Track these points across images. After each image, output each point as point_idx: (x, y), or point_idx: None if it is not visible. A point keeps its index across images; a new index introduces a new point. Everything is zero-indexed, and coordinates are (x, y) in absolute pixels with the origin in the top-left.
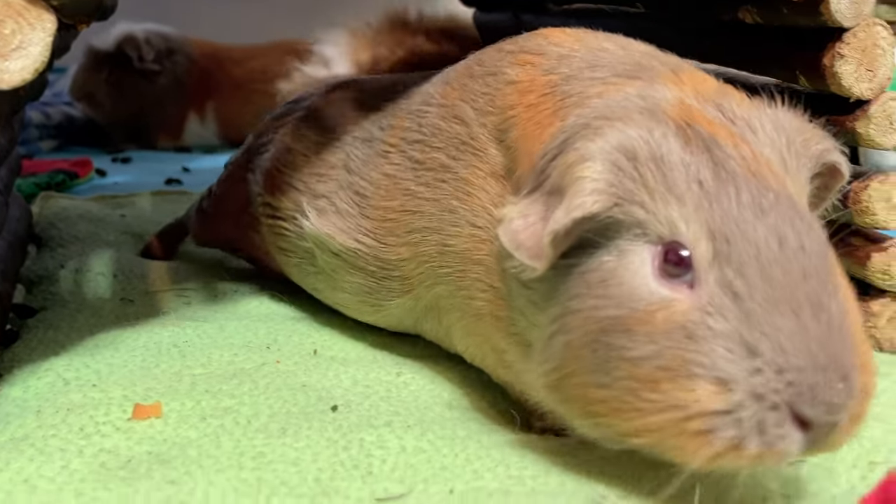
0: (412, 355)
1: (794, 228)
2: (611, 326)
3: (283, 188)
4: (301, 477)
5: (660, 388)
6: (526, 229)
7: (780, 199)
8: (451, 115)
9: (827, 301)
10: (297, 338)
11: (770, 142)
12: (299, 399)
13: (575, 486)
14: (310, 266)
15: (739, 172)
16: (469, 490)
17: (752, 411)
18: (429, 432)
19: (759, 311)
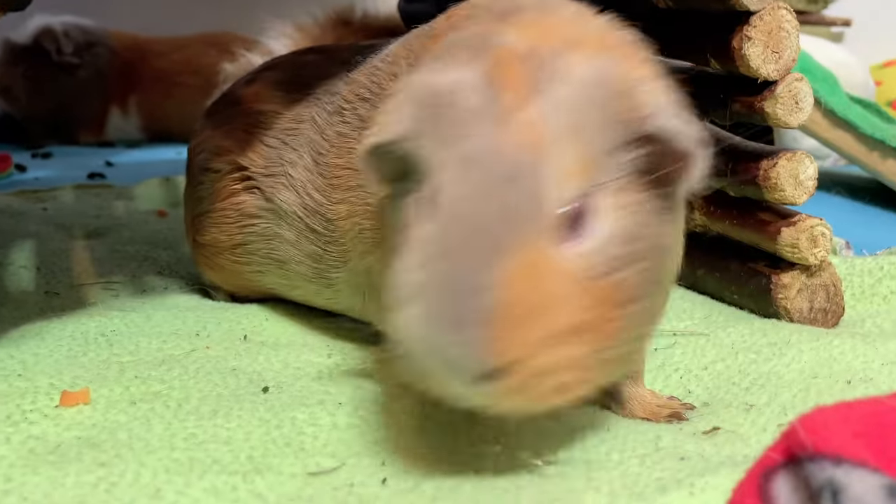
0: (343, 338)
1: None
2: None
3: (256, 146)
4: (233, 455)
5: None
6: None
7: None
8: (391, 73)
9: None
10: (227, 325)
11: (568, 103)
12: (230, 382)
13: (506, 451)
14: (271, 240)
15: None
16: (400, 461)
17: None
18: (361, 409)
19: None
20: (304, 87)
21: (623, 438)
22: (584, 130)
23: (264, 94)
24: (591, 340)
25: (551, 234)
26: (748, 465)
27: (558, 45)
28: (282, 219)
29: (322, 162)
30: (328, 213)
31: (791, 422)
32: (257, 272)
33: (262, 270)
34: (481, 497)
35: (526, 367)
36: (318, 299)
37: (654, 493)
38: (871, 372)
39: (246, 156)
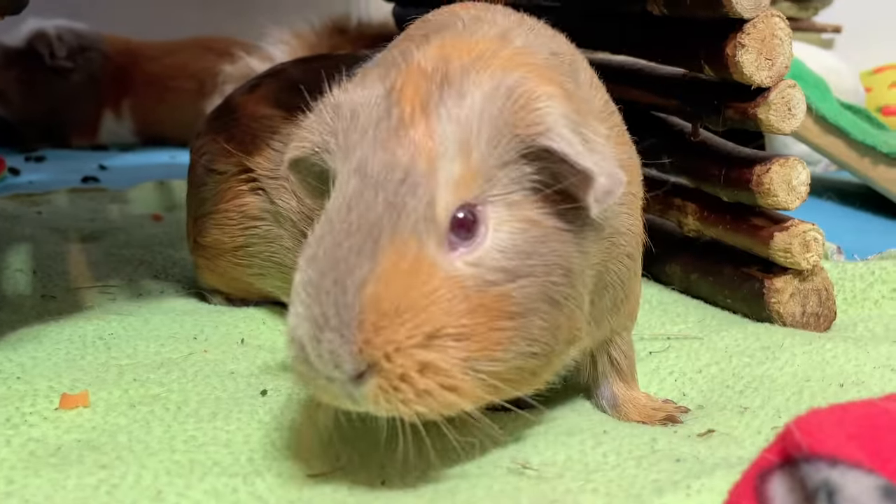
0: None
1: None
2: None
3: (262, 148)
4: (234, 457)
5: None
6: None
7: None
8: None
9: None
10: (224, 329)
11: (461, 117)
12: (228, 385)
13: (500, 453)
14: (273, 243)
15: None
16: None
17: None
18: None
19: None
20: (305, 94)
21: (619, 441)
22: (476, 143)
23: (269, 98)
24: (467, 348)
25: (433, 239)
26: (743, 466)
27: (467, 62)
28: (282, 222)
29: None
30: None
31: (786, 423)
32: (258, 275)
33: (263, 273)
34: (479, 499)
35: (391, 368)
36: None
37: (651, 494)
38: (862, 375)
39: (252, 158)
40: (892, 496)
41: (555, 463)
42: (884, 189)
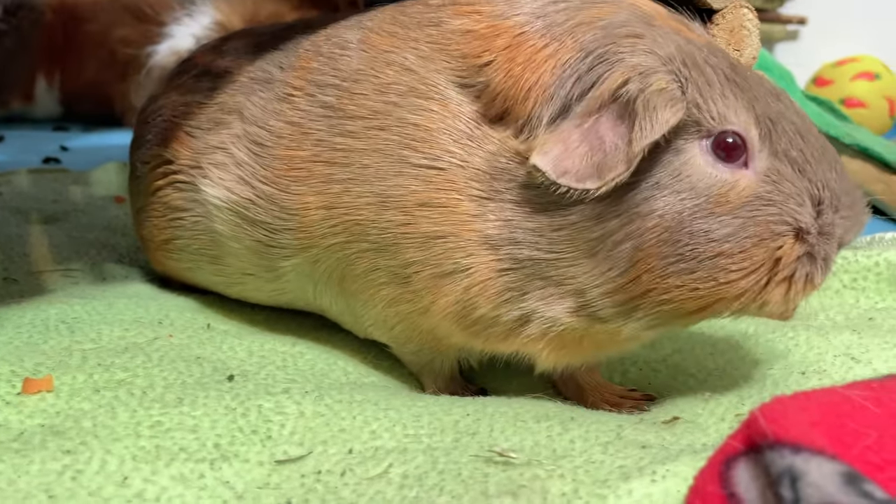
0: (307, 327)
1: (797, 107)
2: (690, 217)
3: (180, 137)
4: (200, 443)
5: (750, 256)
6: (568, 155)
7: (777, 86)
8: (383, 62)
9: (835, 153)
10: (190, 313)
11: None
12: (194, 371)
13: (469, 440)
14: (202, 235)
15: (741, 68)
16: (367, 449)
17: (823, 248)
18: (326, 397)
19: (812, 169)
20: (226, 76)
21: (586, 427)
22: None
23: (189, 85)
24: None
25: None
26: (708, 453)
27: (661, 8)
28: (214, 212)
29: (267, 154)
30: (284, 202)
31: (751, 411)
32: (189, 269)
33: (193, 266)
34: (448, 484)
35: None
36: (258, 294)
37: (618, 479)
38: (824, 364)
39: (170, 148)
40: (854, 481)
41: (523, 449)
42: None
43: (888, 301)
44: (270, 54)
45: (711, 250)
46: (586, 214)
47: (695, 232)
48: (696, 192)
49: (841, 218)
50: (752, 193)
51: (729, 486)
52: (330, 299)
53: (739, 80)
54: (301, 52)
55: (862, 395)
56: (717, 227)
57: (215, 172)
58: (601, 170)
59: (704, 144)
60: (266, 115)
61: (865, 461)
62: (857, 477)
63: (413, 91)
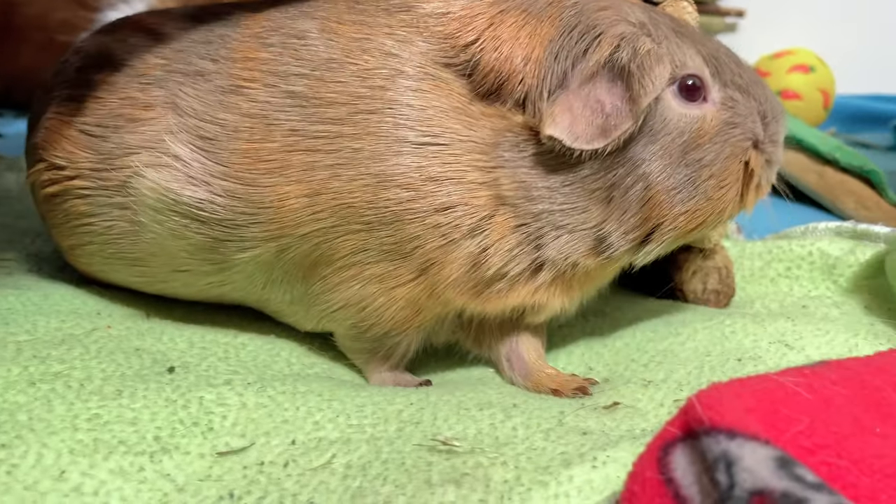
0: (249, 317)
1: (722, 43)
2: (683, 151)
3: (74, 138)
4: (140, 436)
5: (730, 172)
6: (576, 121)
7: (702, 31)
8: (359, 50)
9: (760, 76)
10: (129, 303)
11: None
12: (134, 362)
13: (412, 429)
14: (120, 239)
15: (678, 21)
16: (310, 440)
17: (775, 154)
18: (269, 388)
19: (753, 91)
20: (127, 69)
21: (529, 414)
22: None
23: (78, 79)
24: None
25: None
26: (647, 438)
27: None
28: (142, 217)
29: (222, 149)
30: (252, 196)
31: (688, 397)
32: (101, 271)
33: (107, 270)
34: (391, 474)
35: None
36: (185, 290)
37: (559, 466)
38: (759, 350)
39: (61, 150)
40: (787, 465)
41: (466, 437)
42: (781, 170)
43: (821, 289)
44: (188, 45)
45: (705, 174)
46: (595, 168)
47: (689, 163)
48: (681, 131)
49: (779, 126)
50: (720, 121)
51: (667, 472)
52: (284, 288)
53: (682, 30)
54: (234, 43)
55: (795, 381)
56: (704, 154)
57: (150, 174)
58: (605, 129)
59: (674, 89)
60: (211, 108)
61: (798, 446)
62: (789, 461)
63: (400, 74)
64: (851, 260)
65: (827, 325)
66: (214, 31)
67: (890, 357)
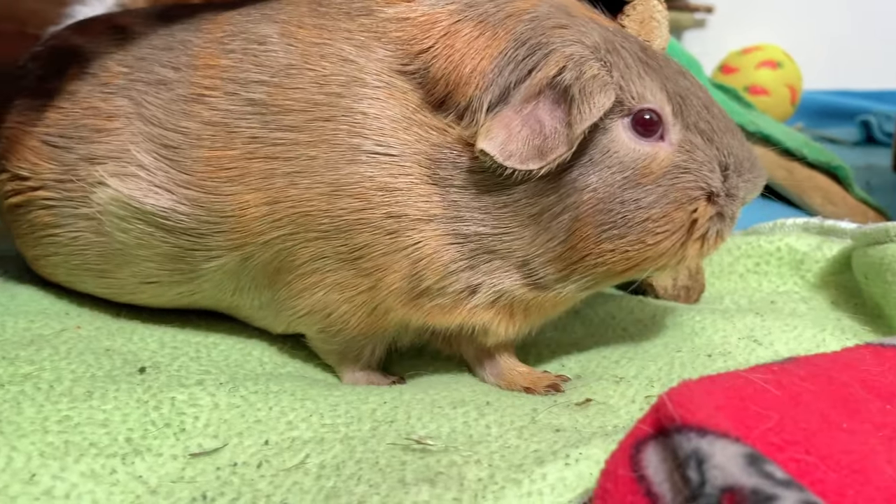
0: (221, 316)
1: (700, 84)
2: (620, 188)
3: (37, 149)
4: (111, 438)
5: (672, 219)
6: (512, 139)
7: (682, 66)
8: (318, 55)
9: (735, 123)
10: (98, 303)
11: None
12: (104, 363)
13: (386, 428)
14: (86, 250)
15: (650, 51)
16: (284, 440)
17: (730, 207)
18: (241, 388)
19: (718, 139)
20: (89, 78)
21: (502, 412)
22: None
23: (38, 89)
24: None
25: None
26: (619, 434)
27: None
28: (107, 227)
29: (185, 157)
30: (215, 205)
31: (659, 395)
32: (67, 281)
33: (74, 280)
34: (366, 473)
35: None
36: (155, 300)
37: (532, 464)
38: (729, 346)
39: (24, 161)
40: (756, 462)
41: (440, 436)
42: None
43: (789, 285)
44: (150, 53)
45: (640, 216)
46: (528, 192)
47: (626, 201)
48: (623, 166)
49: (744, 181)
50: (671, 163)
51: (639, 469)
52: (253, 295)
53: (651, 61)
54: (195, 49)
55: (763, 378)
56: (644, 195)
57: (115, 183)
58: (542, 151)
59: (626, 122)
60: (174, 117)
61: (767, 442)
62: (758, 458)
63: (356, 81)
64: (819, 256)
65: (795, 320)
66: (176, 36)
67: (856, 353)
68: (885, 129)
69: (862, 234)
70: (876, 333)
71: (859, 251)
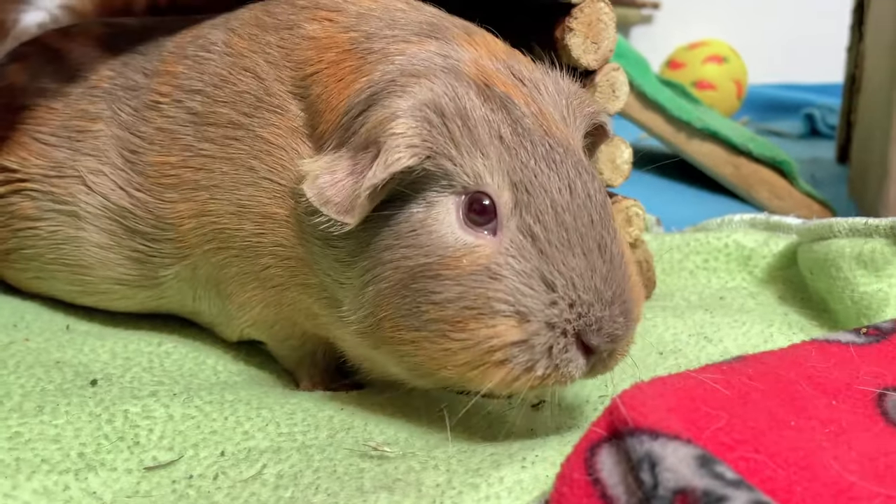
0: (172, 325)
1: (581, 179)
2: (420, 273)
3: (27, 144)
4: (63, 453)
5: (466, 328)
6: (334, 185)
7: (568, 153)
8: (240, 67)
9: (610, 244)
10: (47, 314)
11: (553, 101)
12: (54, 376)
13: (344, 436)
14: (63, 244)
15: (533, 129)
16: (240, 451)
17: (545, 338)
18: (196, 398)
19: (555, 253)
20: (80, 81)
21: (458, 416)
22: (573, 127)
23: (29, 88)
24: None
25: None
26: (574, 435)
27: (503, 56)
28: (83, 221)
29: (139, 161)
30: (160, 212)
31: (613, 397)
32: (38, 279)
33: (44, 277)
34: (323, 482)
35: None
36: (125, 302)
37: (489, 468)
38: (680, 344)
39: (14, 155)
40: (707, 464)
41: (397, 442)
42: (698, 162)
43: (737, 280)
44: (132, 58)
45: (433, 313)
46: (350, 250)
47: (421, 290)
48: (429, 250)
49: (577, 315)
50: (485, 264)
51: (594, 472)
52: (208, 303)
53: (515, 140)
54: (165, 55)
55: (713, 378)
56: (439, 289)
57: (91, 178)
58: (353, 205)
59: (457, 202)
60: (137, 121)
61: (718, 442)
62: (710, 459)
63: (261, 102)
64: (766, 251)
65: (743, 316)
66: (158, 41)
67: (803, 350)
68: (828, 121)
69: (807, 230)
70: (822, 328)
71: (804, 247)
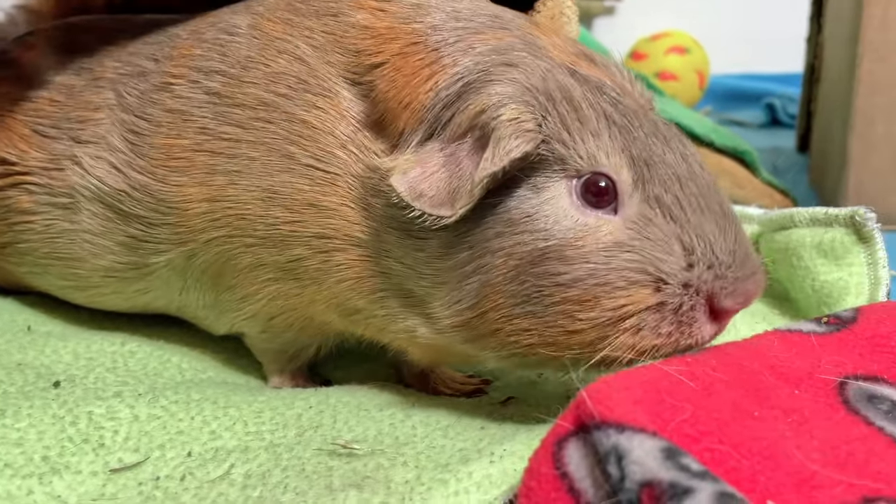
0: (136, 324)
1: (689, 150)
2: (540, 258)
3: (26, 136)
4: (27, 457)
5: (597, 305)
6: (426, 178)
7: (671, 129)
8: (274, 49)
9: (729, 209)
10: (7, 315)
11: (629, 81)
12: (16, 378)
13: (312, 434)
14: (57, 238)
15: (632, 108)
16: (207, 451)
17: (678, 299)
18: (161, 398)
19: (688, 218)
20: (84, 72)
21: (428, 412)
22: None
23: (32, 79)
24: None
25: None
26: (541, 429)
27: (570, 43)
28: (79, 211)
29: (143, 143)
30: (163, 195)
31: (579, 391)
32: (32, 273)
33: (38, 271)
34: (292, 481)
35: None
36: (116, 298)
37: (458, 463)
38: None
39: (12, 147)
40: (673, 456)
41: (366, 439)
42: None
43: None
44: (140, 47)
45: (558, 296)
46: (443, 242)
47: (541, 274)
48: (549, 234)
49: (718, 279)
50: (613, 240)
51: (561, 466)
52: (198, 295)
53: (621, 119)
54: (178, 41)
55: (678, 370)
56: (565, 270)
57: (88, 162)
58: (454, 198)
59: (573, 185)
60: (143, 104)
61: (683, 434)
62: (675, 451)
63: (303, 84)
64: None
65: None
66: (168, 31)
67: (765, 339)
68: (788, 111)
69: (768, 220)
70: (784, 317)
71: (766, 236)
